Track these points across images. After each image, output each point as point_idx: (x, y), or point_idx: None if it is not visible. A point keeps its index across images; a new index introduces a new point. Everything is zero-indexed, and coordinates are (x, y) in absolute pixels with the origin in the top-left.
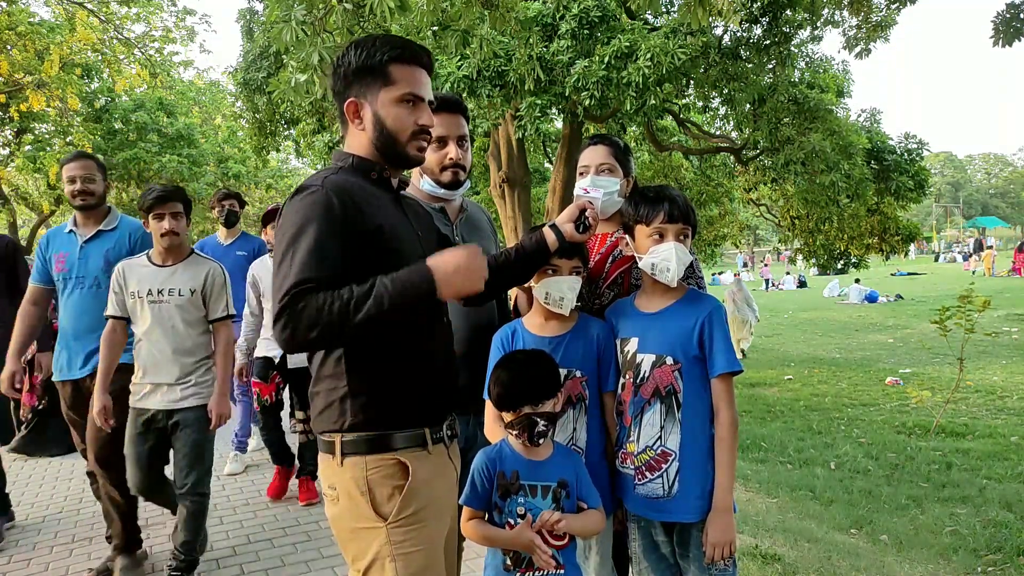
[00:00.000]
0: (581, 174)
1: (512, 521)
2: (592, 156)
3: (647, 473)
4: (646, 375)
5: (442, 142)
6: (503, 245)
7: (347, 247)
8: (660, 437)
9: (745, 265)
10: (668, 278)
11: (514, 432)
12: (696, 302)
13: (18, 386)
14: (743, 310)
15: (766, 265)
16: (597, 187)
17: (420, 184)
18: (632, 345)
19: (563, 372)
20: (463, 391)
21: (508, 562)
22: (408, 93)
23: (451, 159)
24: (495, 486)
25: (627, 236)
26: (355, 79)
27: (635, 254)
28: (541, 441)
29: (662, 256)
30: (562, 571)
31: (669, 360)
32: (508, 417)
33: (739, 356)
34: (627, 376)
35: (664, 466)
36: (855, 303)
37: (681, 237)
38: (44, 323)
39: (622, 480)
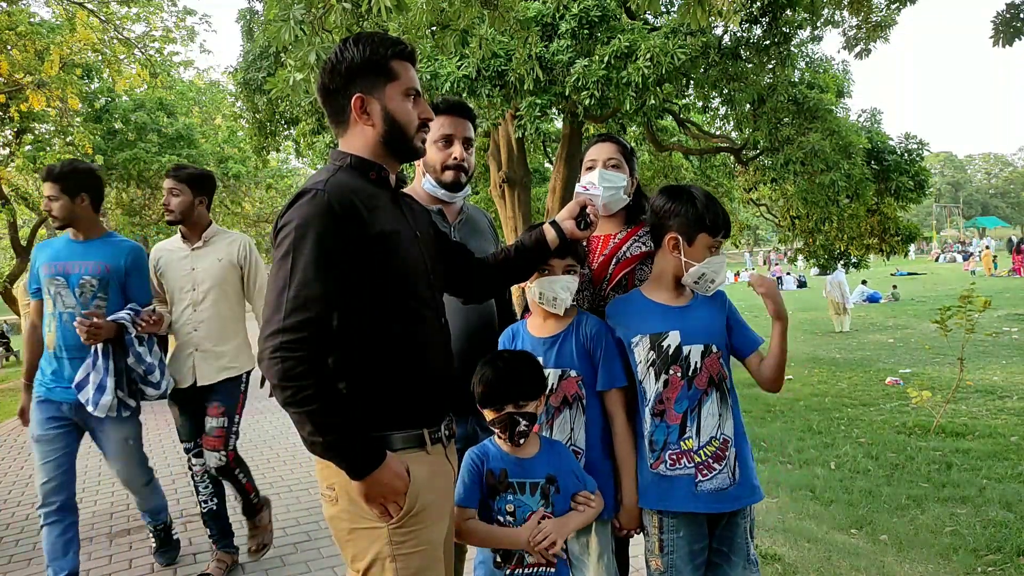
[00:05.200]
0: (589, 168)
1: (501, 519)
2: (599, 151)
3: (715, 465)
4: (698, 366)
5: (447, 141)
6: (502, 245)
7: (347, 253)
8: (719, 426)
9: (764, 263)
10: (710, 289)
11: (496, 430)
12: (714, 294)
13: None
14: (835, 293)
15: (777, 264)
16: (605, 181)
17: (422, 184)
18: (673, 338)
19: (558, 372)
20: (461, 391)
21: (498, 559)
22: (411, 87)
23: (455, 158)
24: (483, 485)
25: (679, 236)
26: (359, 75)
27: (683, 259)
28: (522, 441)
29: (714, 268)
30: (552, 569)
31: (714, 348)
32: (490, 415)
33: (847, 330)
34: (672, 371)
35: (727, 454)
36: (856, 303)
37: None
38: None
39: (670, 484)
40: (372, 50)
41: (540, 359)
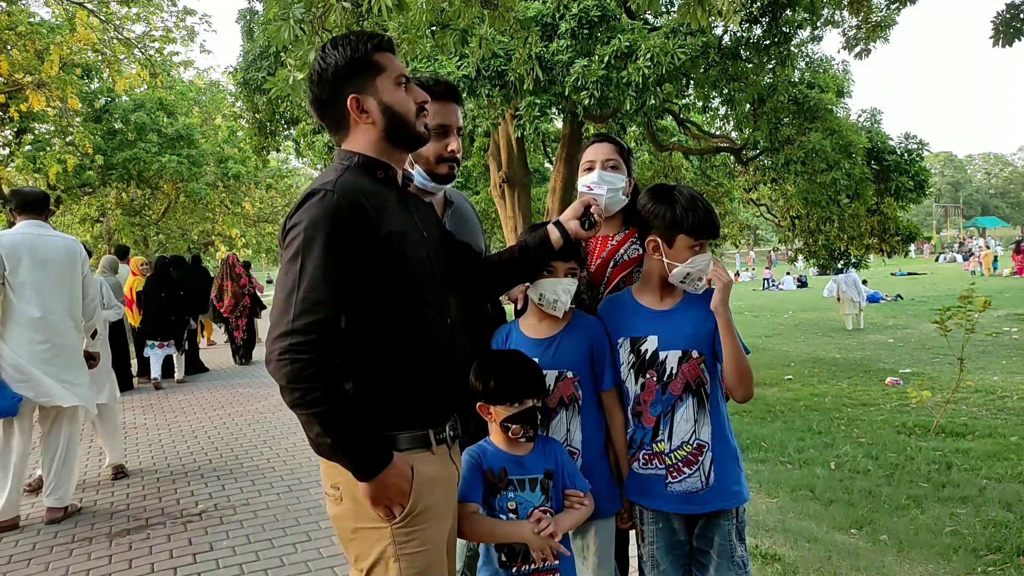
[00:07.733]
0: (588, 169)
1: (504, 517)
2: (597, 152)
3: (684, 469)
4: (674, 371)
5: (443, 131)
6: (501, 245)
7: (356, 254)
8: (694, 431)
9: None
10: (698, 287)
11: (514, 426)
12: (704, 297)
13: None
14: (852, 292)
15: (767, 267)
16: (604, 182)
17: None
18: (651, 343)
19: (555, 373)
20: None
21: (503, 558)
22: (400, 75)
23: (451, 151)
24: (483, 483)
25: (659, 239)
26: (346, 77)
27: (665, 260)
28: (533, 436)
29: (698, 266)
30: (556, 562)
31: (695, 354)
32: (504, 412)
33: (853, 328)
34: (648, 375)
35: (700, 459)
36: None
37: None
38: None
39: (646, 482)
40: (352, 48)
41: (536, 360)
